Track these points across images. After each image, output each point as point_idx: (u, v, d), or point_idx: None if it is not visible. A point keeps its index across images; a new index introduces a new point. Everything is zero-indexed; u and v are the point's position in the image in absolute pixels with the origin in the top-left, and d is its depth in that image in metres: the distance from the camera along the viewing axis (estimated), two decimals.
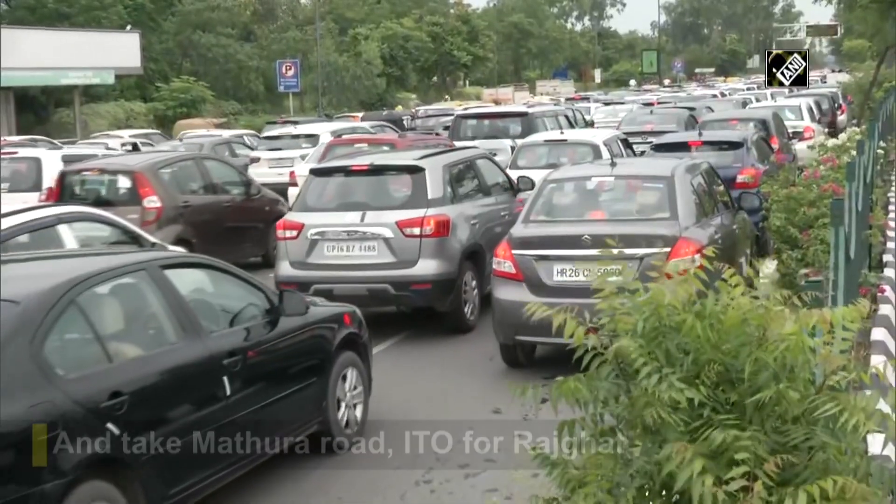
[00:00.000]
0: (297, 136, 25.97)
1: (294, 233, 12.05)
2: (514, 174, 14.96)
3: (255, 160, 24.27)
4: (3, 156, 19.21)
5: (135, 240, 11.12)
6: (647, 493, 3.15)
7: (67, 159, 18.72)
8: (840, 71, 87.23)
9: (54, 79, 48.53)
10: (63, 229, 10.17)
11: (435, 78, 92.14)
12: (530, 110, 26.72)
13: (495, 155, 16.11)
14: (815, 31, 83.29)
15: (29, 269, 7.08)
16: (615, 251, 9.42)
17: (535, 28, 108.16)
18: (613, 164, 11.35)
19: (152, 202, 14.81)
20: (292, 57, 63.12)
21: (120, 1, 58.57)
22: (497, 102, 58.22)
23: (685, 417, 3.11)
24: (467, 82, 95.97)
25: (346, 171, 12.74)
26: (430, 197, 11.96)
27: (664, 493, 3.13)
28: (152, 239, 11.55)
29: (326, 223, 11.98)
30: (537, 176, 13.48)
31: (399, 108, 61.34)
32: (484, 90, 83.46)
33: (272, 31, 72.32)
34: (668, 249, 9.48)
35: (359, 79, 71.16)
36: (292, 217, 12.32)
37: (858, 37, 58.95)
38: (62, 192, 15.40)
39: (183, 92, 56.33)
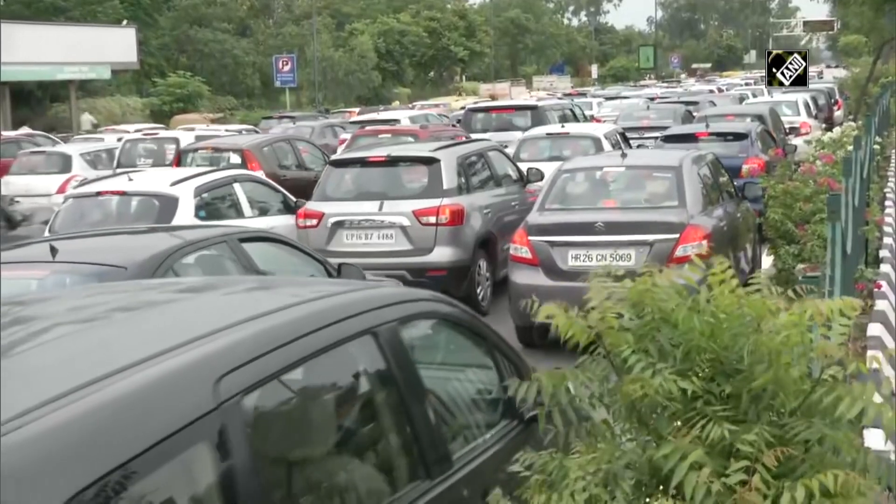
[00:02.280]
0: (377, 121, 27.98)
1: (314, 221, 12.49)
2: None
3: (345, 141, 26.16)
4: (146, 136, 24.30)
5: (283, 196, 13.10)
6: (643, 487, 3.15)
7: (200, 138, 22.87)
8: (837, 66, 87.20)
9: (50, 74, 48.45)
10: (237, 187, 12.40)
11: (432, 73, 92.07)
12: (539, 104, 27.16)
13: (506, 147, 16.44)
14: (811, 26, 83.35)
15: (130, 241, 7.87)
16: (627, 237, 10.26)
17: (532, 23, 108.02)
18: (624, 155, 11.95)
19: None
20: (289, 52, 63.04)
21: None
22: (494, 98, 58.14)
23: (679, 408, 3.11)
24: (464, 77, 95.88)
25: (364, 162, 13.17)
26: (445, 187, 12.39)
27: (661, 486, 3.12)
28: (293, 197, 13.14)
29: (346, 212, 12.42)
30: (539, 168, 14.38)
31: (396, 104, 61.23)
32: (481, 85, 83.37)
33: (268, 27, 72.25)
34: (676, 235, 10.13)
35: (353, 73, 71.08)
36: (312, 206, 12.68)
37: (855, 32, 58.94)
38: (180, 167, 17.84)
39: (179, 87, 56.29)
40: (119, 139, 30.30)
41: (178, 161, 18.06)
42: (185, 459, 2.66)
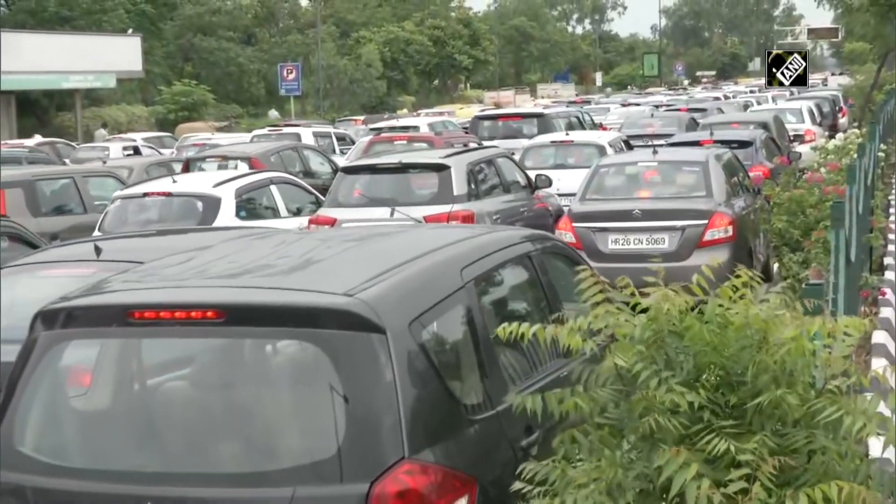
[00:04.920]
0: (395, 128, 28.57)
1: (327, 228, 12.49)
2: None
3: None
4: (270, 132, 27.94)
5: (315, 197, 13.77)
6: (647, 497, 3.16)
7: (317, 135, 26.55)
8: (841, 74, 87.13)
9: (56, 82, 48.54)
10: (273, 188, 13.05)
11: (436, 81, 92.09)
12: (546, 111, 27.18)
13: (512, 155, 16.50)
14: (816, 33, 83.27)
15: (165, 241, 7.99)
16: (661, 223, 11.39)
17: (537, 31, 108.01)
18: (655, 152, 13.03)
19: None
20: (293, 60, 63.06)
21: (121, 5, 58.58)
22: (498, 105, 58.15)
23: (685, 421, 3.12)
24: (468, 85, 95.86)
25: (375, 169, 13.30)
26: (455, 193, 12.49)
27: (664, 495, 3.13)
28: (324, 199, 13.55)
29: (357, 218, 12.41)
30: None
31: (404, 111, 61.23)
32: (485, 93, 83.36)
33: (273, 35, 72.32)
34: (705, 221, 11.37)
35: (358, 82, 71.11)
36: (325, 213, 12.74)
37: (859, 40, 58.90)
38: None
39: (184, 95, 56.30)
40: (126, 147, 30.51)
41: (187, 169, 18.16)
42: (454, 311, 4.35)
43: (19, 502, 4.04)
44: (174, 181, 12.94)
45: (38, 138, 36.93)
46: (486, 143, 19.97)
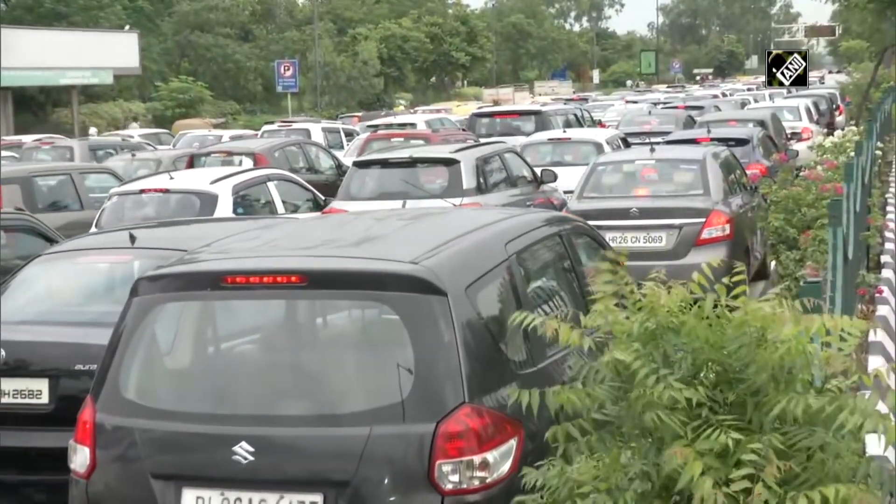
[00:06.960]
0: (392, 125, 28.80)
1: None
2: None
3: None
4: (281, 125, 28.01)
5: (313, 195, 13.84)
6: (645, 496, 3.15)
7: (326, 129, 27.01)
8: (838, 71, 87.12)
9: (52, 79, 48.49)
10: (270, 185, 13.08)
11: (433, 78, 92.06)
12: (544, 109, 27.20)
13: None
14: (813, 31, 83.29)
15: (194, 230, 8.23)
16: (658, 222, 11.50)
17: (534, 28, 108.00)
18: (653, 150, 13.17)
19: None
20: (291, 57, 63.02)
21: (118, 1, 58.53)
22: (497, 103, 58.12)
23: (683, 418, 3.12)
24: (466, 83, 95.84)
25: (387, 163, 13.51)
26: (464, 187, 12.66)
27: (664, 493, 3.12)
28: (321, 196, 13.76)
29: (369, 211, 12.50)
30: None
31: (401, 108, 61.21)
32: (483, 90, 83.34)
33: (270, 32, 72.30)
34: (702, 220, 11.38)
35: (355, 79, 71.10)
36: (337, 205, 12.84)
37: (856, 37, 58.94)
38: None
39: (181, 92, 56.28)
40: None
41: (191, 164, 18.17)
42: (501, 279, 4.90)
43: (127, 442, 4.59)
44: (171, 177, 12.94)
45: (93, 130, 37.10)
46: (483, 140, 19.98)
